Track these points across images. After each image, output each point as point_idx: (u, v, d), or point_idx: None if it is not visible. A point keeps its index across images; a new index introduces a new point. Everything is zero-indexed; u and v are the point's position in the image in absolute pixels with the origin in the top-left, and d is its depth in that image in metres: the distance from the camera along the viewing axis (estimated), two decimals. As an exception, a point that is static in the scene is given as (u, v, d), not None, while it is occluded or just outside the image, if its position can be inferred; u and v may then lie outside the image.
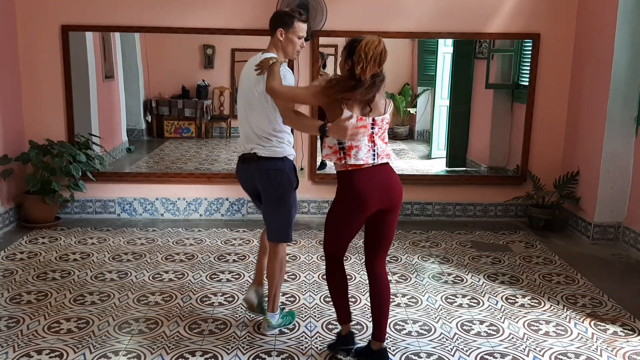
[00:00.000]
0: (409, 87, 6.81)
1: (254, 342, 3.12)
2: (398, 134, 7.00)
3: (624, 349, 3.12)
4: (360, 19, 5.16)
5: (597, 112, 4.86)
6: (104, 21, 5.12)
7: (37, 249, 4.54)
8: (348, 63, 2.67)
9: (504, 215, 5.57)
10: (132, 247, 4.63)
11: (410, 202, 5.51)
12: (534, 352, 3.07)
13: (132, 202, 5.42)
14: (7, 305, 3.51)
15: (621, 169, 4.79)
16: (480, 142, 6.11)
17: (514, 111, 5.78)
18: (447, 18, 5.20)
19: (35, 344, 3.05)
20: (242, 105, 3.13)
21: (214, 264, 4.29)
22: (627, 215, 4.82)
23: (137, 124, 6.44)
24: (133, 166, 6.13)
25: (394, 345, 3.11)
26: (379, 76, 2.67)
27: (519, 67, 5.69)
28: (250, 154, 3.08)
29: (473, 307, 3.61)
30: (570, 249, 4.75)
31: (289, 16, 3.08)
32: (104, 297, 3.67)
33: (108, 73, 5.92)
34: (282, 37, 3.06)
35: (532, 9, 5.21)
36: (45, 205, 4.97)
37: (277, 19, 3.11)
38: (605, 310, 3.60)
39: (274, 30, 3.08)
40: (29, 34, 5.11)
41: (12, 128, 5.08)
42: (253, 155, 3.07)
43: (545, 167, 5.43)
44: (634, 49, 4.64)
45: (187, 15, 5.13)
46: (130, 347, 3.05)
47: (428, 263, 4.38)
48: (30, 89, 5.19)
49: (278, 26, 3.07)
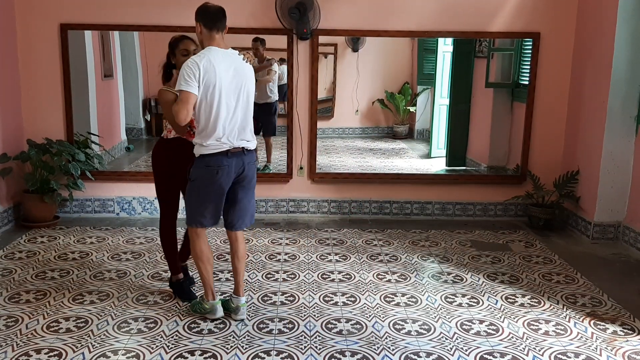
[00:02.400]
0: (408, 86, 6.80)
1: (253, 342, 3.11)
2: (398, 133, 7.00)
3: (624, 348, 3.12)
4: (360, 18, 5.16)
5: (597, 111, 4.86)
6: (103, 20, 5.11)
7: (36, 248, 4.53)
8: None
9: (503, 214, 5.56)
10: (131, 246, 4.63)
11: (410, 201, 5.50)
12: (533, 351, 3.07)
13: (131, 201, 5.41)
14: (6, 304, 3.51)
15: (621, 168, 4.79)
16: (480, 141, 6.11)
17: (514, 110, 5.78)
18: (447, 17, 5.19)
19: (34, 343, 3.04)
20: (230, 101, 3.15)
21: (214, 263, 4.27)
22: (627, 215, 4.82)
23: (136, 123, 6.43)
24: (132, 165, 6.12)
25: (393, 344, 3.11)
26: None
27: (519, 66, 5.68)
28: (239, 148, 3.19)
29: (473, 307, 3.60)
30: (570, 249, 4.75)
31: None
32: (103, 296, 3.66)
33: (107, 72, 5.91)
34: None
35: (532, 8, 5.20)
36: (44, 204, 4.97)
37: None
38: (605, 309, 3.60)
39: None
40: (28, 33, 5.10)
41: (11, 127, 5.08)
42: (242, 150, 3.20)
43: (545, 167, 5.42)
44: (634, 48, 4.64)
45: (186, 14, 5.08)
46: (130, 347, 3.04)
47: (428, 262, 4.38)
48: (29, 87, 5.18)
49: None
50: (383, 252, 4.56)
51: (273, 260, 4.36)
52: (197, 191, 3.23)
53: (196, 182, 3.21)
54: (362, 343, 3.12)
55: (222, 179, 3.17)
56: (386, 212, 5.52)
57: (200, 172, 3.18)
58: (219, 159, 3.15)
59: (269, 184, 5.42)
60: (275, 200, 5.44)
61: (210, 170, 3.15)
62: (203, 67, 3.04)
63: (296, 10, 4.94)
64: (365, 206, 5.50)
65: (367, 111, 6.85)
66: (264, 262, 4.30)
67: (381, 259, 4.41)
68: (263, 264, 4.27)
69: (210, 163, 3.15)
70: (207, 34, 3.16)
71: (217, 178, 3.16)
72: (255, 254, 4.47)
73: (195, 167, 3.21)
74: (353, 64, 6.39)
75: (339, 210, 5.50)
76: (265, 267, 4.20)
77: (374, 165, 6.23)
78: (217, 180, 3.16)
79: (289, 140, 5.34)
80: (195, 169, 3.20)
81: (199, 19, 3.17)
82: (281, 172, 5.49)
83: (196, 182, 3.21)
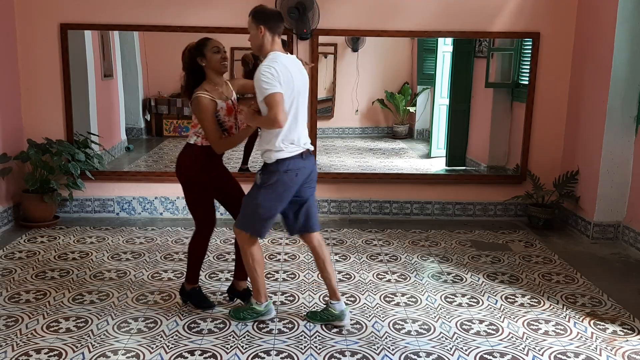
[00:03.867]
0: (408, 86, 6.79)
1: (253, 342, 3.11)
2: (397, 133, 6.99)
3: (624, 348, 3.12)
4: (360, 17, 5.16)
5: (596, 111, 4.86)
6: (103, 20, 5.11)
7: (35, 247, 4.53)
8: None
9: (503, 214, 5.56)
10: (131, 246, 4.63)
11: (409, 201, 5.50)
12: (533, 351, 3.07)
13: (131, 201, 5.42)
14: (5, 304, 3.51)
15: (621, 168, 4.79)
16: (480, 141, 6.11)
17: (514, 110, 5.78)
18: (447, 17, 5.19)
19: (34, 343, 3.04)
20: (300, 105, 3.16)
21: (213, 263, 4.28)
22: (626, 215, 4.82)
23: (136, 123, 6.43)
24: (132, 165, 6.12)
25: (393, 344, 3.11)
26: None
27: (518, 66, 5.68)
28: (307, 150, 3.21)
29: (472, 307, 3.60)
30: (569, 248, 4.75)
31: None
32: (103, 296, 3.66)
33: (107, 72, 5.91)
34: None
35: (532, 8, 5.20)
36: (44, 204, 4.96)
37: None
38: (604, 309, 3.60)
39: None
40: (27, 33, 5.10)
41: (11, 126, 5.08)
42: (308, 151, 3.22)
43: (545, 166, 5.42)
44: (634, 48, 4.64)
45: (186, 14, 5.12)
46: (129, 346, 3.04)
47: (427, 262, 4.38)
48: (29, 87, 5.18)
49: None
50: (383, 252, 4.56)
51: (273, 260, 4.36)
52: (270, 197, 3.14)
53: (271, 188, 3.12)
54: (362, 343, 3.12)
55: (300, 181, 3.18)
56: (386, 212, 5.52)
57: (278, 176, 3.11)
58: (297, 162, 3.14)
59: (268, 184, 5.41)
60: (275, 200, 5.43)
61: (289, 174, 3.12)
62: (280, 71, 2.99)
63: (296, 10, 4.94)
64: (365, 206, 5.50)
65: (367, 111, 6.85)
66: (264, 262, 4.29)
67: (381, 258, 4.42)
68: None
69: (289, 167, 3.11)
70: (270, 38, 3.10)
71: (296, 181, 3.15)
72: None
73: (269, 172, 3.13)
74: (353, 64, 6.39)
75: (338, 210, 5.50)
76: (265, 267, 4.19)
77: (374, 165, 6.23)
78: (295, 184, 3.16)
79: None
80: (270, 175, 3.13)
81: (262, 22, 3.08)
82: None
83: (271, 188, 3.12)
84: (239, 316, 3.36)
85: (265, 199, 3.14)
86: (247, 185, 3.41)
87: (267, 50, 3.11)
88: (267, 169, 3.15)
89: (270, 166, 3.13)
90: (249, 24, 3.13)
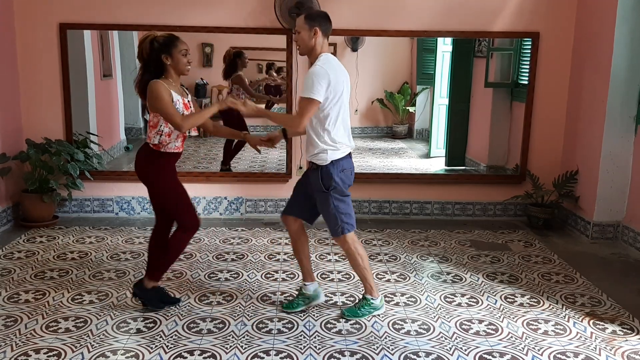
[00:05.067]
0: (408, 85, 6.79)
1: (252, 341, 3.11)
2: (397, 133, 6.99)
3: (623, 348, 3.12)
4: (360, 17, 5.16)
5: (596, 111, 4.86)
6: (102, 19, 5.11)
7: (35, 247, 4.52)
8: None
9: (503, 214, 5.56)
10: (130, 246, 4.62)
11: (409, 201, 5.50)
12: (532, 351, 3.07)
13: (130, 200, 5.41)
14: (5, 304, 3.50)
15: (620, 168, 4.79)
16: (480, 141, 6.11)
17: (514, 110, 5.78)
18: (446, 17, 5.19)
19: (33, 343, 3.04)
20: (347, 104, 3.24)
21: (213, 263, 4.28)
22: (626, 214, 4.82)
23: (136, 123, 6.42)
24: (131, 165, 6.09)
25: (392, 344, 3.11)
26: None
27: (518, 66, 5.68)
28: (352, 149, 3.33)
29: (472, 306, 3.60)
30: (569, 248, 4.75)
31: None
32: (102, 296, 3.66)
33: (106, 71, 5.90)
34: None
35: (531, 8, 5.20)
36: (43, 203, 4.96)
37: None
38: (604, 309, 3.60)
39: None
40: (27, 32, 5.09)
41: (10, 126, 5.07)
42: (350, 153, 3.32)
43: (544, 166, 5.42)
44: (634, 48, 4.64)
45: (185, 14, 5.11)
46: (129, 346, 3.04)
47: (427, 262, 4.38)
48: (28, 87, 5.18)
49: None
50: (382, 252, 4.56)
51: (272, 260, 4.36)
52: (339, 197, 3.24)
53: (337, 189, 3.21)
54: (362, 343, 3.11)
55: (352, 178, 3.30)
56: (385, 212, 5.52)
57: (338, 177, 3.20)
58: (349, 161, 3.28)
59: (268, 184, 5.41)
60: (275, 200, 5.43)
61: (346, 173, 3.23)
62: (334, 75, 3.10)
63: (295, 9, 4.94)
64: (365, 206, 5.49)
65: (366, 111, 6.84)
66: (263, 262, 4.30)
67: (380, 258, 4.41)
68: (262, 263, 4.27)
69: (344, 166, 3.22)
70: (322, 41, 3.17)
71: (351, 179, 3.28)
72: (255, 254, 4.46)
73: (328, 175, 3.18)
74: (352, 64, 6.37)
75: (338, 210, 5.49)
76: (264, 267, 4.20)
77: (374, 165, 6.23)
78: (351, 181, 3.28)
79: (289, 139, 5.34)
80: (330, 177, 3.18)
81: (317, 24, 3.13)
82: (280, 171, 5.48)
83: (337, 189, 3.21)
84: (357, 314, 3.40)
85: (336, 198, 3.24)
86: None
87: (319, 52, 3.17)
88: (323, 171, 3.20)
89: (325, 168, 3.19)
90: (300, 25, 3.16)
